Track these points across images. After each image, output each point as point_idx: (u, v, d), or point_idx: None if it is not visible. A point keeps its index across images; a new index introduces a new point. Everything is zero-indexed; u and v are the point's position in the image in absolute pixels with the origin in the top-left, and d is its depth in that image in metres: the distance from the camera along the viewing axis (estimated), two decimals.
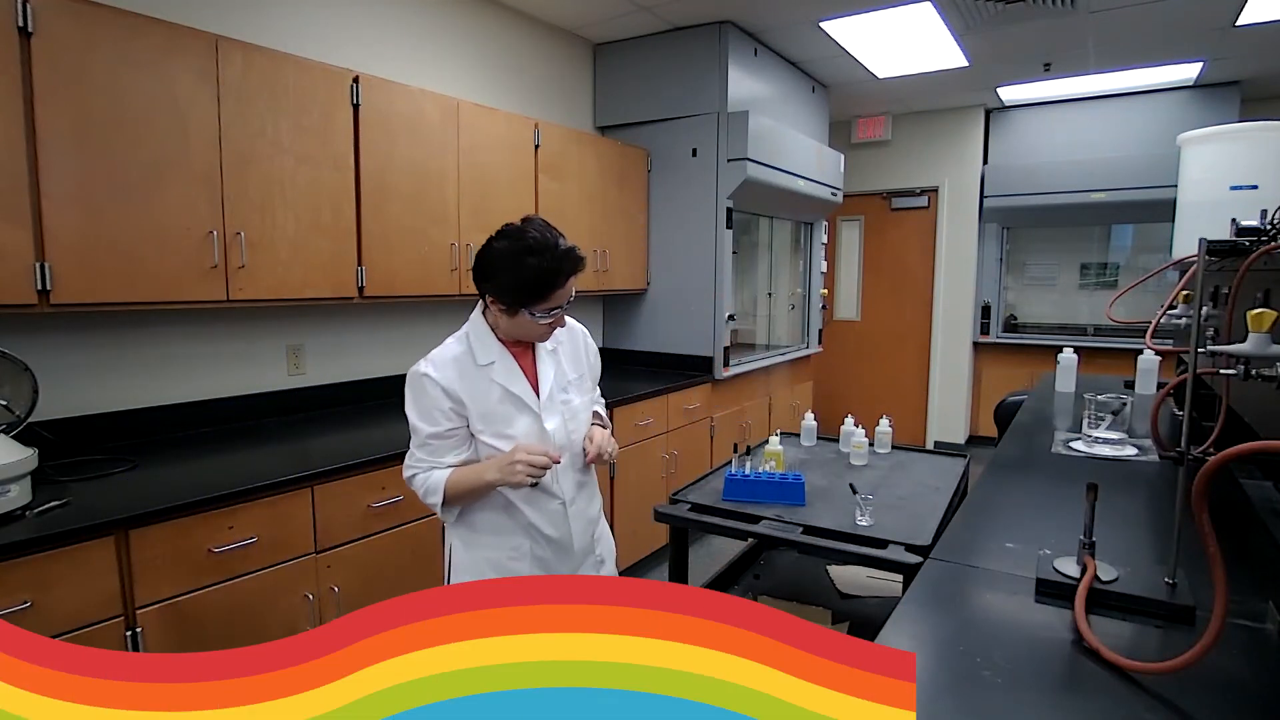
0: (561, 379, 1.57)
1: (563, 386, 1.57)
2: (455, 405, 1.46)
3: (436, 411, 1.45)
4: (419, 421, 1.47)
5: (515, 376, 1.50)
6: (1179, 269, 1.87)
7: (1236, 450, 0.70)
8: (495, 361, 1.49)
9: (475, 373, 1.48)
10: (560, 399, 1.55)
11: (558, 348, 1.59)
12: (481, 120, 2.92)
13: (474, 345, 1.50)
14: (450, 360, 1.48)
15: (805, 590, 2.55)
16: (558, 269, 1.39)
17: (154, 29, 1.93)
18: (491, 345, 1.50)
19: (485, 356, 1.49)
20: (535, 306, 1.42)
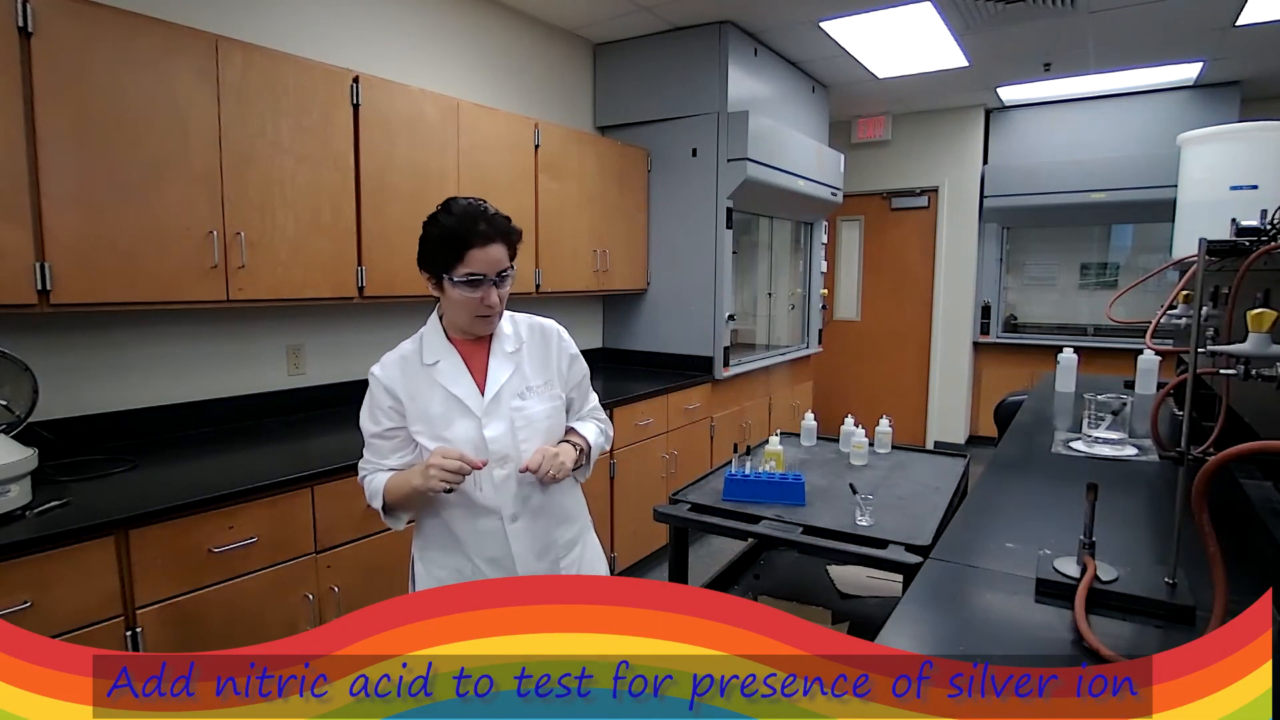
0: (518, 383, 1.44)
1: (518, 391, 1.43)
2: (395, 404, 1.40)
3: (378, 410, 1.40)
4: (364, 420, 1.43)
5: (459, 377, 1.41)
6: (1179, 269, 1.87)
7: (1236, 450, 0.70)
8: (440, 360, 1.41)
9: (419, 372, 1.40)
10: (512, 405, 1.42)
11: (520, 348, 1.47)
12: (481, 120, 2.92)
13: (424, 343, 1.43)
14: (397, 358, 1.43)
15: (805, 590, 2.55)
16: (471, 226, 1.30)
17: (154, 29, 1.93)
18: (440, 343, 1.43)
19: (431, 355, 1.42)
20: (453, 270, 1.31)
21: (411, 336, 1.46)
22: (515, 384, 1.44)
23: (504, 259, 1.35)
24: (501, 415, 1.41)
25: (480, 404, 1.40)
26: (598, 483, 3.18)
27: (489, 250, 1.32)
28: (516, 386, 1.44)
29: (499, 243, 1.33)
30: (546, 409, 1.46)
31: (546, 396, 1.47)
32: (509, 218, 1.37)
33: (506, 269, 1.36)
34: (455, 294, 1.33)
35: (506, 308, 1.47)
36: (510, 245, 1.37)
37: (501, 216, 1.35)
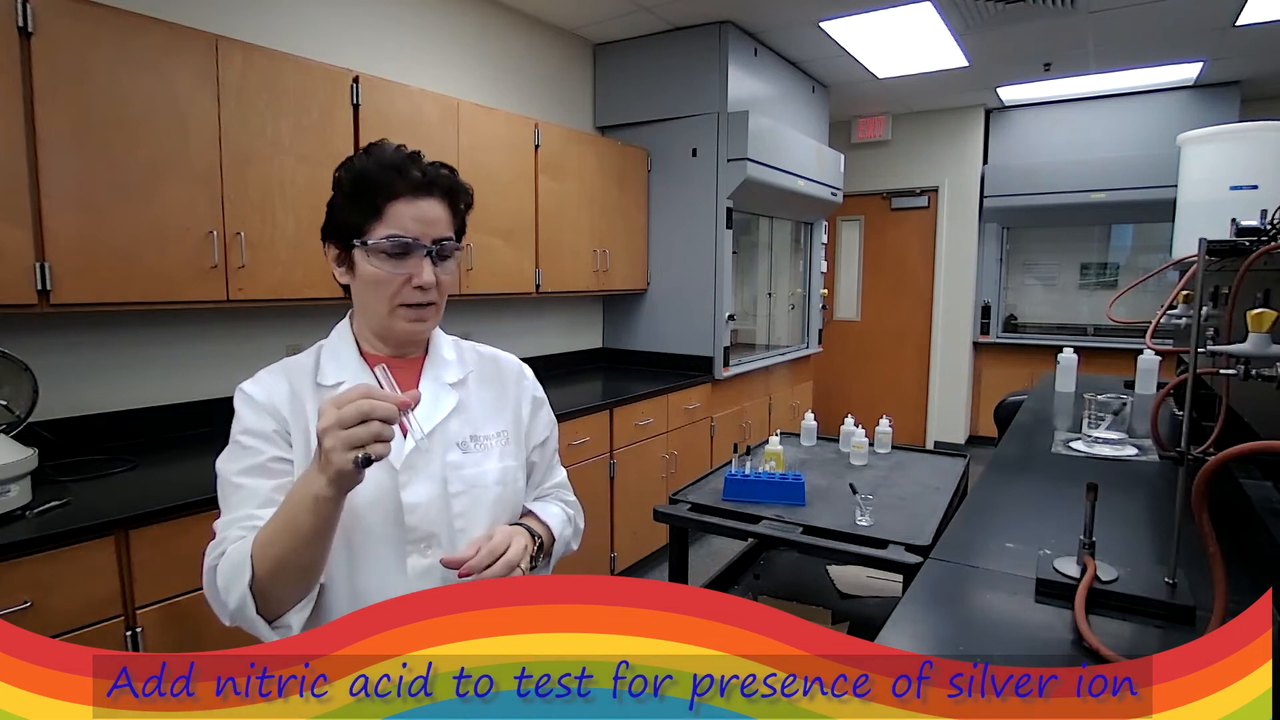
0: (461, 427, 1.01)
1: (459, 440, 1.01)
2: (280, 428, 0.95)
3: (254, 438, 0.94)
4: (223, 461, 0.96)
5: None
6: (1179, 269, 1.87)
7: (1236, 450, 0.70)
8: (344, 382, 0.96)
9: (312, 396, 0.97)
10: (447, 458, 0.98)
11: (467, 378, 1.06)
12: (481, 120, 2.92)
13: (323, 357, 1.01)
14: (281, 371, 1.00)
15: (805, 590, 2.55)
16: (398, 169, 0.93)
17: (154, 29, 1.93)
18: (347, 359, 1.00)
19: (333, 373, 0.98)
20: (367, 231, 0.92)
21: (307, 349, 1.04)
22: (456, 428, 1.01)
23: (443, 221, 0.96)
24: (429, 472, 0.97)
25: (399, 452, 0.95)
26: (598, 483, 3.18)
27: (421, 205, 0.93)
28: (457, 432, 1.01)
29: (436, 198, 0.95)
30: (498, 470, 1.02)
31: (500, 453, 1.04)
32: (455, 170, 1.00)
33: (447, 238, 0.96)
34: (369, 270, 0.93)
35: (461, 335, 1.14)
36: (453, 207, 0.99)
37: (444, 167, 0.98)
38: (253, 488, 0.93)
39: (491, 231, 2.99)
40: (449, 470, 0.99)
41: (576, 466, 3.02)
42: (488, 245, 2.97)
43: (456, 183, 1.00)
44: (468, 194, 1.02)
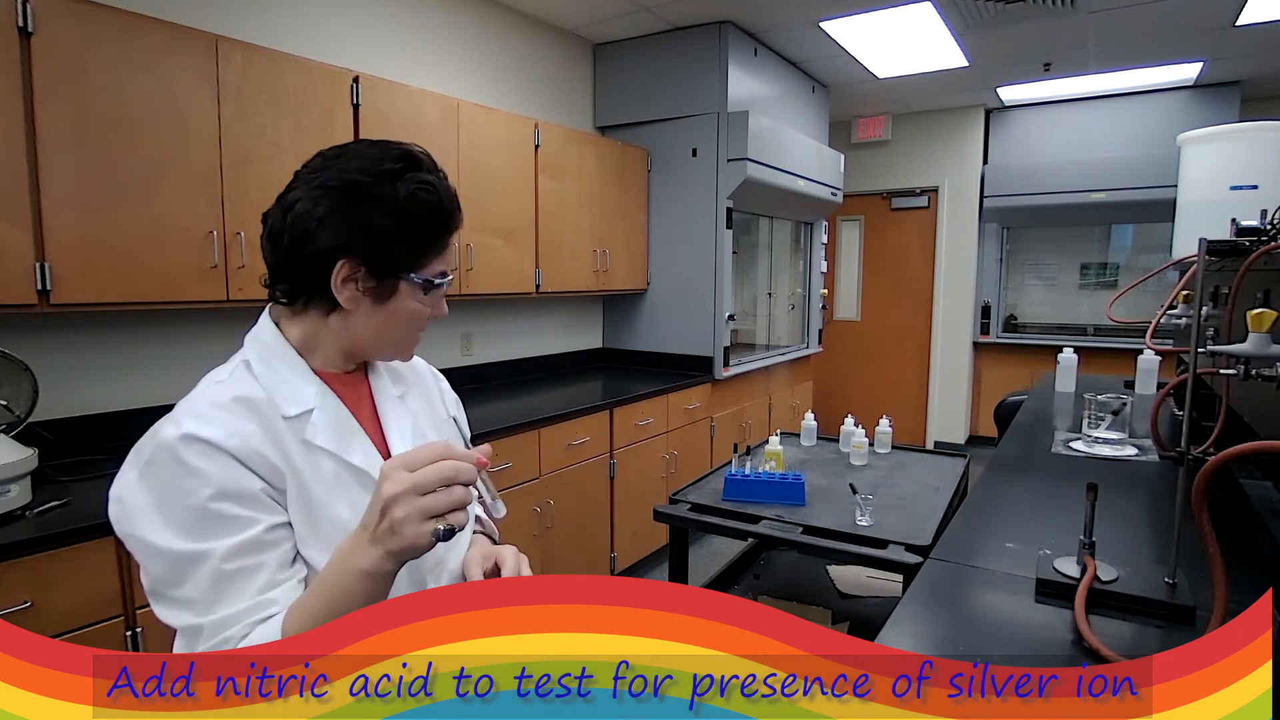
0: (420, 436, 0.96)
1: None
2: (269, 485, 0.78)
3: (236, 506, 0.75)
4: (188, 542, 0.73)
5: (352, 436, 0.86)
6: (1179, 269, 1.87)
7: (1236, 450, 0.70)
8: (315, 410, 0.84)
9: (282, 432, 0.81)
10: None
11: (406, 393, 0.99)
12: (481, 120, 2.92)
13: (265, 380, 0.83)
14: (232, 404, 0.79)
15: (805, 590, 2.55)
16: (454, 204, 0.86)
17: (154, 29, 1.93)
18: (299, 380, 0.85)
19: (293, 400, 0.83)
20: (424, 267, 0.84)
21: (217, 371, 0.85)
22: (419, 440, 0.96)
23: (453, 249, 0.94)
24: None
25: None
26: (598, 483, 3.18)
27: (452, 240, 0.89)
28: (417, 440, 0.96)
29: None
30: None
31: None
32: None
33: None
34: (412, 306, 0.86)
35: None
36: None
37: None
38: (252, 569, 0.74)
39: (491, 231, 2.99)
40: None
41: (576, 466, 3.02)
42: (488, 245, 2.97)
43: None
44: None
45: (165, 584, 0.75)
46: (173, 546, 0.73)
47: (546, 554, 2.88)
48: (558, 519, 2.93)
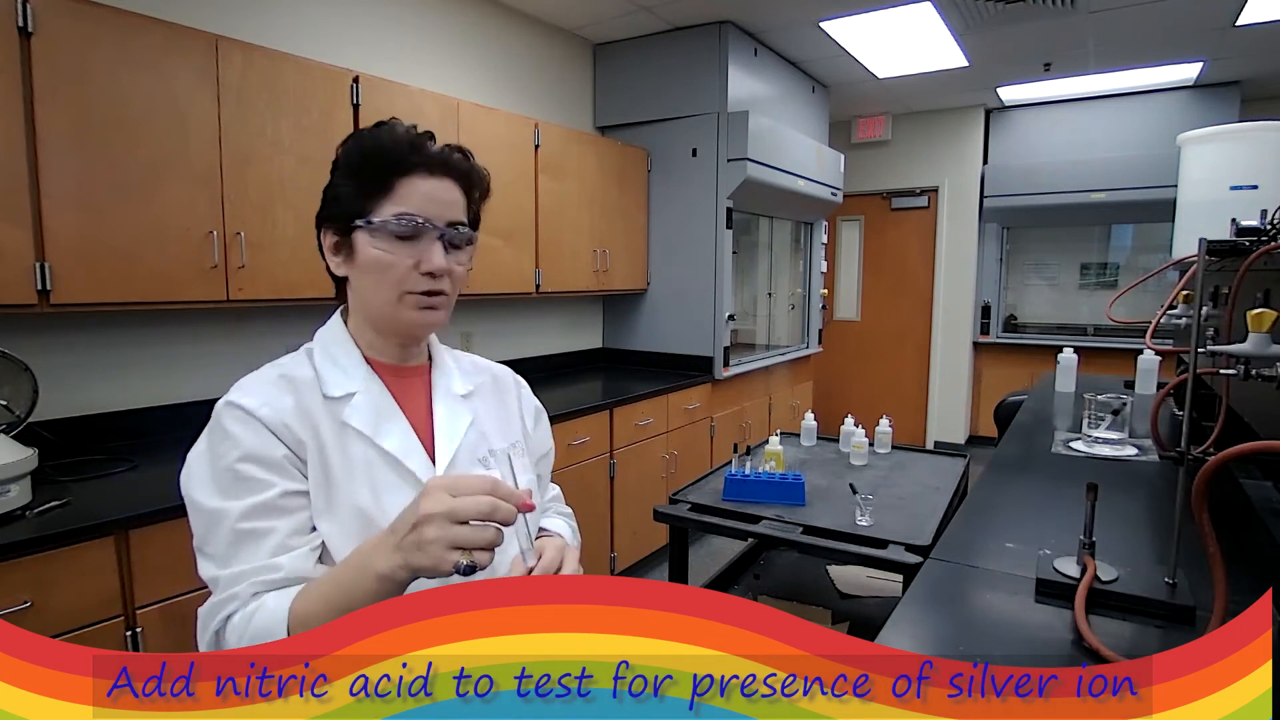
0: (477, 443, 0.93)
1: (479, 456, 0.92)
2: (292, 454, 0.82)
3: (258, 468, 0.79)
4: (219, 500, 0.78)
5: (390, 422, 0.87)
6: (1179, 269, 1.87)
7: (1236, 450, 0.70)
8: (357, 394, 0.86)
9: (321, 410, 0.84)
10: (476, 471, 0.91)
11: (473, 393, 0.97)
12: (481, 120, 2.92)
13: (320, 364, 0.88)
14: (276, 380, 0.86)
15: (805, 590, 2.55)
16: (407, 141, 0.85)
17: (154, 29, 1.93)
18: (351, 366, 0.88)
19: (339, 383, 0.86)
20: (377, 207, 0.83)
21: (284, 357, 0.91)
22: (474, 441, 0.93)
23: (458, 205, 0.87)
24: None
25: (427, 467, 0.87)
26: (598, 483, 3.18)
27: (434, 184, 0.84)
28: (475, 448, 0.93)
29: (451, 180, 0.86)
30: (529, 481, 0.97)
31: (520, 464, 0.96)
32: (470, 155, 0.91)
33: (461, 223, 0.87)
34: (373, 254, 0.83)
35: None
36: (468, 193, 0.89)
37: (459, 150, 0.89)
38: (264, 532, 0.77)
39: (491, 231, 2.99)
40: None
41: (576, 466, 3.02)
42: (488, 245, 2.97)
43: (473, 167, 0.90)
44: (483, 181, 0.92)
45: (200, 540, 0.80)
46: (206, 503, 0.79)
47: None
48: None
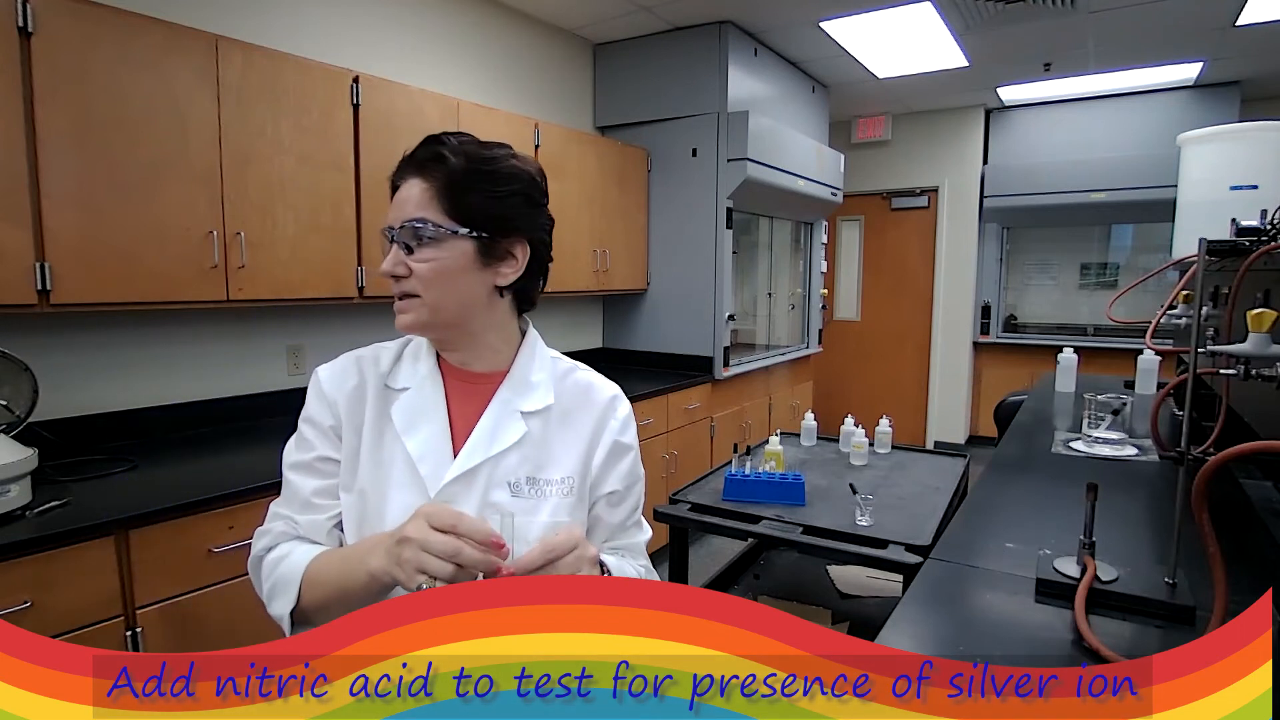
0: (520, 464, 0.89)
1: (515, 477, 0.88)
2: (336, 424, 0.91)
3: (312, 429, 0.91)
4: (287, 448, 0.93)
5: (425, 418, 0.89)
6: (1179, 269, 1.87)
7: (1236, 450, 0.70)
8: (410, 389, 0.91)
9: (380, 395, 0.91)
10: (491, 496, 0.87)
11: (543, 412, 0.92)
12: (481, 120, 2.92)
13: (405, 355, 0.96)
14: (355, 361, 0.94)
15: (805, 590, 2.55)
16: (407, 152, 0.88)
17: (154, 29, 1.93)
18: (423, 364, 0.93)
19: (405, 377, 0.93)
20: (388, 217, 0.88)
21: (396, 341, 0.98)
22: (513, 464, 0.89)
23: (412, 202, 0.84)
24: (465, 506, 0.85)
25: (438, 474, 0.86)
26: None
27: (404, 188, 0.86)
28: (512, 470, 0.88)
29: (413, 177, 0.85)
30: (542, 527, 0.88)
31: (555, 505, 0.89)
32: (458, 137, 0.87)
33: (416, 220, 0.83)
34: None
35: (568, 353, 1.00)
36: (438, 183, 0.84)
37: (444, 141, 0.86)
38: (297, 486, 0.90)
39: None
40: (487, 512, 0.84)
41: None
42: None
43: (439, 154, 0.84)
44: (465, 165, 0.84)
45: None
46: (285, 452, 0.93)
47: None
48: None
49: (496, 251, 0.87)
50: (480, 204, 0.85)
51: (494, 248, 0.87)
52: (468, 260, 0.86)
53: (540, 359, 0.96)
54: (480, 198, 0.85)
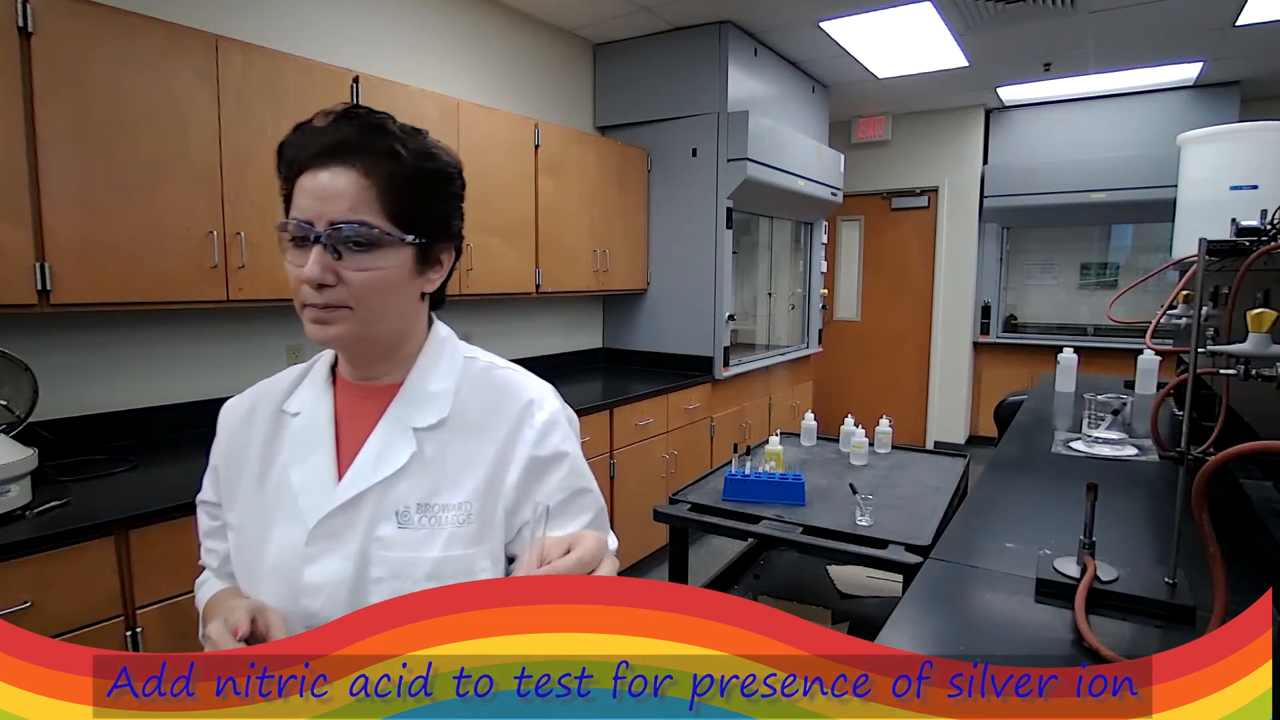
0: (412, 489, 0.75)
1: (403, 505, 0.74)
2: (218, 466, 0.85)
3: (210, 469, 0.86)
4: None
5: (311, 454, 0.78)
6: (1179, 269, 1.87)
7: (1236, 450, 0.70)
8: (301, 414, 0.80)
9: (272, 421, 0.82)
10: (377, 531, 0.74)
11: (442, 425, 0.77)
12: (481, 120, 2.92)
13: (308, 376, 0.85)
14: (258, 389, 0.87)
15: (805, 590, 2.55)
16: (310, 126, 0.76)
17: (154, 29, 1.93)
18: (320, 382, 0.82)
19: (298, 400, 0.82)
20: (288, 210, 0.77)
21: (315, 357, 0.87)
22: (403, 491, 0.75)
23: (346, 197, 0.70)
24: (347, 547, 0.74)
25: (320, 507, 0.75)
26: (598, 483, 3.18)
27: (321, 177, 0.71)
28: (402, 497, 0.75)
29: (342, 165, 0.71)
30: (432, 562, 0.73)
31: (449, 536, 0.74)
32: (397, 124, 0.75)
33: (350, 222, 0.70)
34: (285, 265, 0.75)
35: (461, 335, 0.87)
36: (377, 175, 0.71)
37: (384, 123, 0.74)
38: (201, 517, 0.88)
39: (491, 231, 2.99)
40: (373, 548, 0.73)
41: None
42: (488, 245, 2.97)
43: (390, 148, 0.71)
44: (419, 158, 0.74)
45: None
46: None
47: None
48: None
49: (430, 258, 0.77)
50: (425, 207, 0.75)
51: (429, 254, 0.77)
52: (406, 269, 0.74)
53: (448, 362, 0.82)
54: (426, 200, 0.75)
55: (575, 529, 0.78)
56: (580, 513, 0.82)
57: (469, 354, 0.86)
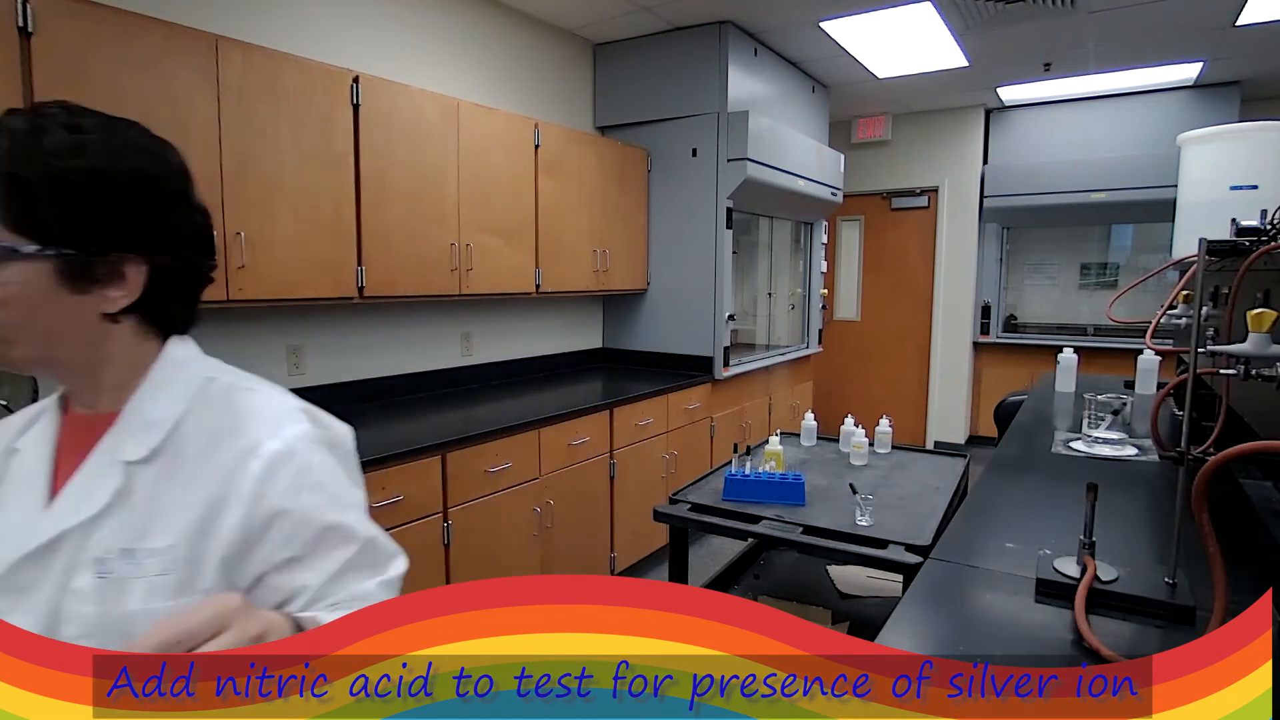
0: (114, 534, 0.66)
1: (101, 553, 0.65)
2: None
3: None
4: None
5: (19, 487, 0.71)
6: (1179, 269, 1.87)
7: (1236, 450, 0.70)
8: (20, 450, 0.73)
9: (3, 460, 0.74)
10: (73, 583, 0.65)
11: (154, 458, 0.68)
12: (481, 120, 2.92)
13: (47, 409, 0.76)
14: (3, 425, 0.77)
15: (805, 590, 2.55)
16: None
17: (154, 29, 1.93)
18: (50, 411, 0.75)
19: (31, 433, 0.74)
20: None
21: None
22: (108, 533, 0.66)
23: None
24: (35, 601, 0.65)
25: (14, 552, 0.66)
26: (598, 483, 3.18)
27: None
28: (103, 542, 0.66)
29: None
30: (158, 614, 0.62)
31: (151, 586, 0.66)
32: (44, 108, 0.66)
33: None
34: None
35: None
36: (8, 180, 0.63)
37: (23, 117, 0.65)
38: None
39: (491, 231, 2.99)
40: (67, 602, 0.64)
41: (577, 466, 3.02)
42: (488, 245, 2.97)
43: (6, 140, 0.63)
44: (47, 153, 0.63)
45: None
46: None
47: (546, 554, 2.88)
48: (558, 519, 2.93)
49: (92, 273, 0.66)
50: (84, 215, 0.65)
51: (89, 268, 0.66)
52: (45, 285, 0.65)
53: (181, 385, 0.72)
54: (87, 207, 0.65)
55: (333, 565, 0.70)
56: (331, 550, 0.70)
57: (212, 374, 0.76)
